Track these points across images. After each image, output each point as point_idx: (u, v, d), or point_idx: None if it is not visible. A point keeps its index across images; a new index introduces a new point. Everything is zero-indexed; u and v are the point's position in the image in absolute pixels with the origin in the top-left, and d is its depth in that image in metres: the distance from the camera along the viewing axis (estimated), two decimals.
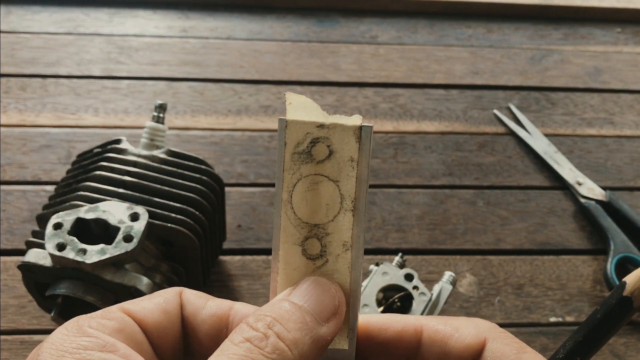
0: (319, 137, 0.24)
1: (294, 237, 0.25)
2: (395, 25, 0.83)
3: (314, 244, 0.25)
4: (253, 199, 0.61)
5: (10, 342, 0.49)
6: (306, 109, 0.24)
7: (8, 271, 0.53)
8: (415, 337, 0.27)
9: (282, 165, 0.24)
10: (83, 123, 0.66)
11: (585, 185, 0.64)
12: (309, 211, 0.24)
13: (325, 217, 0.24)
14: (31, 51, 0.74)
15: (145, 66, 0.73)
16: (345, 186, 0.24)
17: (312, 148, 0.24)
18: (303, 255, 0.25)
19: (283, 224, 0.24)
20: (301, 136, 0.24)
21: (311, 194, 0.24)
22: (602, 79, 0.78)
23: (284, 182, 0.24)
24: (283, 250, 0.25)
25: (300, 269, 0.25)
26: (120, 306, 0.25)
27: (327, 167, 0.24)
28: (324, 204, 0.24)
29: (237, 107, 0.70)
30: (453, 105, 0.73)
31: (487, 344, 0.26)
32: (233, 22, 0.81)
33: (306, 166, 0.24)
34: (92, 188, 0.46)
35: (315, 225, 0.24)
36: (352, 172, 0.24)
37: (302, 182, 0.24)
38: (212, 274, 0.55)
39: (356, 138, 0.24)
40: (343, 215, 0.24)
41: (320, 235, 0.25)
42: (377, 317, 0.27)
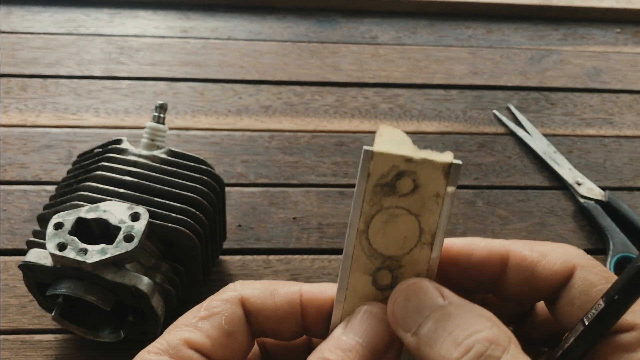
0: (406, 171, 0.23)
1: (365, 267, 0.24)
2: (395, 26, 0.83)
3: (385, 275, 0.24)
4: (253, 199, 0.61)
5: (10, 342, 0.49)
6: (396, 142, 0.24)
7: (9, 271, 0.53)
8: (501, 264, 0.26)
9: (363, 196, 0.23)
10: (84, 123, 0.67)
11: (585, 185, 0.65)
12: (385, 243, 0.24)
13: (400, 250, 0.24)
14: (32, 51, 0.74)
15: (145, 66, 0.74)
16: (426, 221, 0.24)
17: (397, 181, 0.23)
18: (372, 284, 0.24)
19: (356, 253, 0.24)
20: (387, 169, 0.23)
21: (390, 226, 0.24)
22: (601, 79, 0.78)
23: (362, 212, 0.23)
24: (352, 278, 0.24)
25: (367, 297, 0.24)
26: (184, 339, 0.24)
27: (410, 201, 0.23)
28: (401, 236, 0.24)
29: (237, 107, 0.70)
30: (453, 105, 0.73)
31: (575, 271, 0.26)
32: (233, 22, 0.81)
33: (388, 198, 0.23)
34: (92, 188, 0.46)
35: (390, 257, 0.24)
36: (435, 208, 0.24)
37: (381, 214, 0.24)
38: (212, 274, 0.55)
39: (444, 175, 0.24)
40: (420, 249, 0.24)
41: (393, 267, 0.24)
42: (460, 241, 0.26)
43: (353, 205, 0.24)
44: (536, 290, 0.27)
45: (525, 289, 0.26)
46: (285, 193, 0.62)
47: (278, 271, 0.56)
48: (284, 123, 0.69)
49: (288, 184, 0.63)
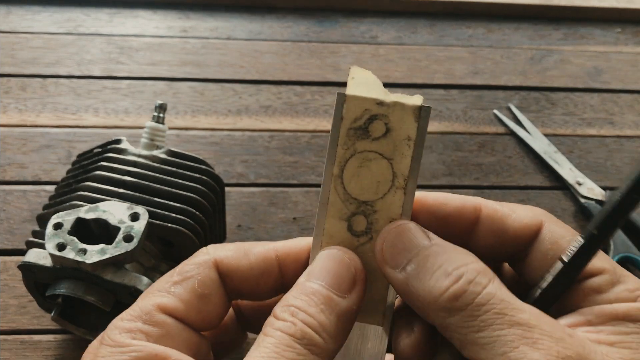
0: (378, 114, 0.24)
1: (341, 212, 0.24)
2: (395, 25, 0.83)
3: (360, 221, 0.25)
4: (253, 199, 0.61)
5: (10, 342, 0.49)
6: (368, 85, 0.24)
7: (8, 271, 0.53)
8: (474, 213, 0.27)
9: (337, 140, 0.24)
10: (83, 123, 0.66)
11: (585, 185, 0.65)
12: (359, 187, 0.24)
13: (375, 195, 0.24)
14: (31, 51, 0.74)
15: (145, 66, 0.74)
16: (398, 164, 0.24)
17: (369, 125, 0.24)
18: (348, 230, 0.25)
19: (331, 198, 0.24)
20: (359, 112, 0.24)
21: (363, 170, 0.24)
22: (602, 79, 0.78)
23: (336, 156, 0.24)
24: (328, 224, 0.25)
25: (343, 244, 0.25)
26: (158, 304, 0.25)
27: (383, 144, 0.24)
28: (375, 181, 0.24)
29: (237, 107, 0.70)
30: (453, 105, 0.73)
31: (543, 225, 0.27)
32: (233, 22, 0.81)
33: (361, 142, 0.24)
34: (92, 188, 0.46)
35: (364, 202, 0.24)
36: (407, 151, 0.24)
37: (355, 158, 0.24)
38: None
39: (415, 118, 0.24)
40: (393, 193, 0.24)
41: (367, 212, 0.25)
42: (435, 193, 0.27)
43: (328, 150, 0.24)
44: (506, 244, 0.27)
45: (496, 242, 0.27)
46: (285, 193, 0.62)
47: None
48: (284, 123, 0.69)
49: (288, 184, 0.63)
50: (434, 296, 0.23)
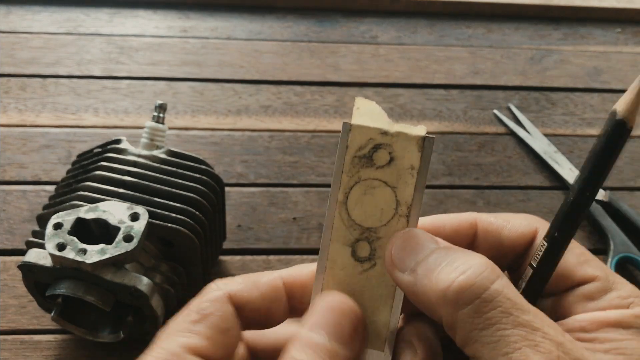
0: (382, 144, 0.25)
1: (345, 238, 0.25)
2: (395, 25, 0.83)
3: (364, 247, 0.25)
4: (253, 199, 0.61)
5: (10, 342, 0.49)
6: (372, 115, 0.25)
7: (8, 271, 0.53)
8: (471, 230, 0.28)
9: (342, 167, 0.25)
10: (83, 123, 0.66)
11: None
12: (363, 214, 0.25)
13: (378, 222, 0.25)
14: (31, 51, 0.74)
15: (145, 66, 0.74)
16: (402, 193, 0.25)
17: (373, 153, 0.25)
18: (352, 256, 0.25)
19: (336, 224, 0.25)
20: (364, 141, 0.25)
21: (367, 198, 0.25)
22: (602, 79, 0.78)
23: (341, 183, 0.25)
24: (332, 249, 0.25)
25: (347, 269, 0.25)
26: (184, 345, 0.25)
27: (387, 173, 0.25)
28: (379, 208, 0.25)
29: (237, 107, 0.70)
30: (453, 105, 0.73)
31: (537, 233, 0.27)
32: (233, 22, 0.81)
33: (365, 170, 0.25)
34: (92, 188, 0.46)
35: (368, 228, 0.25)
36: (410, 180, 0.25)
37: (359, 185, 0.25)
38: (212, 274, 0.55)
39: (419, 148, 0.25)
40: (397, 221, 0.25)
41: (371, 238, 0.25)
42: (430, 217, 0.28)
43: (333, 176, 0.25)
44: (504, 254, 0.28)
45: (495, 254, 0.27)
46: (285, 193, 0.62)
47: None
48: (284, 123, 0.69)
49: (288, 184, 0.63)
50: (441, 289, 0.23)
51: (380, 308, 0.25)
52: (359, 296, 0.25)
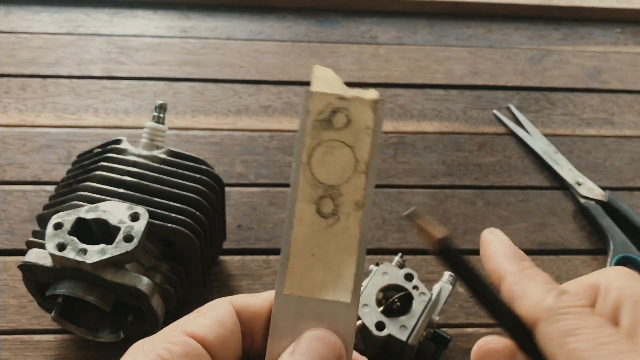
0: (340, 108, 0.27)
1: (310, 196, 0.27)
2: (395, 25, 0.83)
3: (327, 203, 0.27)
4: (253, 199, 0.61)
5: (10, 342, 0.49)
6: (330, 82, 0.27)
7: (8, 271, 0.53)
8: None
9: (304, 131, 0.27)
10: (83, 123, 0.66)
11: (585, 185, 0.65)
12: (325, 172, 0.27)
13: (339, 179, 0.27)
14: (31, 51, 0.74)
15: (145, 66, 0.74)
16: (359, 151, 0.27)
17: (332, 117, 0.27)
18: (317, 213, 0.27)
19: (301, 184, 0.27)
20: (323, 106, 0.27)
21: (329, 157, 0.27)
22: (601, 79, 0.78)
23: (304, 145, 0.27)
24: (299, 208, 0.27)
25: (313, 226, 0.27)
26: (181, 328, 0.26)
27: (345, 134, 0.27)
28: (340, 166, 0.27)
29: (237, 107, 0.70)
30: (453, 105, 0.73)
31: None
32: (233, 22, 0.81)
33: (326, 132, 0.27)
34: (92, 188, 0.46)
35: (331, 186, 0.27)
36: (367, 139, 0.27)
37: (321, 147, 0.27)
38: (212, 274, 0.55)
39: (372, 110, 0.27)
40: (357, 177, 0.27)
41: (334, 195, 0.27)
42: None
43: (297, 140, 0.27)
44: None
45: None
46: (285, 193, 0.62)
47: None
48: (284, 123, 0.69)
49: (288, 184, 0.63)
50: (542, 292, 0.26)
51: (346, 260, 0.27)
52: (324, 249, 0.27)
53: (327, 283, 0.27)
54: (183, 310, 0.50)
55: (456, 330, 0.53)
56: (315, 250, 0.27)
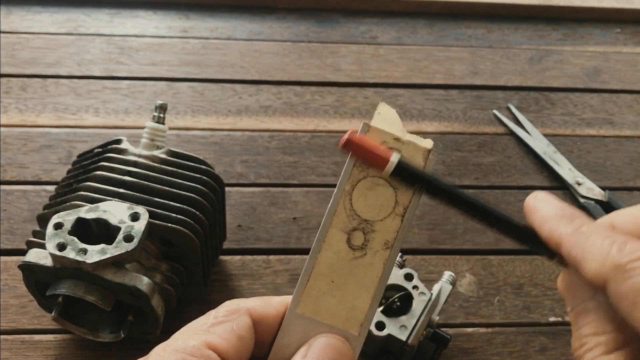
0: (393, 148, 0.28)
1: (343, 225, 0.28)
2: (395, 26, 0.83)
3: (359, 236, 0.28)
4: (253, 199, 0.61)
5: (10, 342, 0.49)
6: (390, 121, 0.28)
7: (9, 271, 0.53)
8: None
9: (354, 161, 0.27)
10: (83, 123, 0.67)
11: (585, 185, 0.65)
12: (364, 206, 0.28)
13: (376, 216, 0.28)
14: (32, 51, 0.74)
15: (145, 66, 0.74)
16: (401, 195, 0.28)
17: None
18: (346, 242, 0.28)
19: (338, 211, 0.28)
20: (378, 142, 0.27)
21: (371, 193, 0.28)
22: (601, 79, 0.78)
23: (351, 175, 0.27)
24: (330, 233, 0.28)
25: (339, 254, 0.28)
26: (202, 339, 0.26)
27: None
28: (379, 204, 0.28)
29: (237, 107, 0.70)
30: (453, 105, 0.73)
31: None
32: (233, 22, 0.81)
33: (374, 169, 0.27)
34: (92, 188, 0.46)
35: (366, 220, 0.28)
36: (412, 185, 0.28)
37: (366, 181, 0.28)
38: (212, 274, 0.55)
39: (424, 158, 0.28)
40: (392, 218, 0.28)
41: (367, 230, 0.28)
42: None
43: (344, 167, 0.27)
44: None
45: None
46: (285, 193, 0.62)
47: (278, 271, 0.56)
48: (284, 123, 0.69)
49: (288, 184, 0.63)
50: (603, 250, 0.24)
51: (362, 295, 0.28)
52: (345, 279, 0.27)
53: (339, 312, 0.27)
54: (183, 310, 0.50)
55: (456, 330, 0.53)
56: (336, 278, 0.27)
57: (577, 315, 0.26)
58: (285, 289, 0.54)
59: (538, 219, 0.28)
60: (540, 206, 0.29)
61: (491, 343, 0.52)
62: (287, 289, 0.54)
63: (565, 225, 0.27)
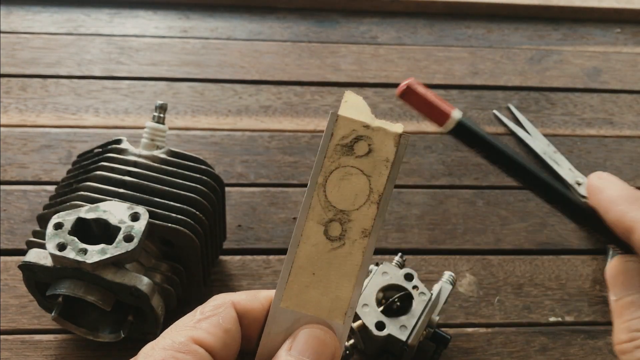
0: (363, 136, 0.27)
1: (319, 217, 0.27)
2: (395, 26, 0.83)
3: (335, 227, 0.28)
4: (253, 199, 0.61)
5: (10, 342, 0.49)
6: (358, 109, 0.28)
7: (9, 271, 0.53)
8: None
9: (325, 153, 0.27)
10: (83, 123, 0.67)
11: (585, 185, 0.65)
12: (339, 197, 0.27)
13: (351, 205, 0.27)
14: (32, 51, 0.74)
15: (145, 66, 0.74)
16: (375, 182, 0.27)
17: (354, 143, 0.27)
18: (324, 234, 0.28)
19: (313, 204, 0.27)
20: (347, 131, 0.27)
21: (344, 183, 0.27)
22: (601, 79, 0.78)
23: (322, 167, 0.27)
24: (307, 226, 0.27)
25: (318, 246, 0.28)
26: (189, 334, 0.26)
27: (364, 162, 0.27)
28: (353, 193, 0.27)
29: (237, 107, 0.70)
30: (453, 105, 0.73)
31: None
32: (233, 22, 0.81)
33: (346, 158, 0.27)
34: (92, 188, 0.46)
35: (341, 210, 0.28)
36: (384, 171, 0.27)
37: (338, 171, 0.27)
38: (212, 274, 0.55)
39: (395, 143, 0.27)
40: (368, 206, 0.27)
41: (343, 220, 0.28)
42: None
43: (316, 160, 0.27)
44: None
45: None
46: (285, 193, 0.62)
47: (278, 271, 0.56)
48: (284, 123, 0.69)
49: (288, 184, 0.63)
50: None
51: (344, 284, 0.28)
52: (325, 271, 0.28)
53: (322, 303, 0.28)
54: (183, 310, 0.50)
55: (456, 330, 0.53)
56: (317, 270, 0.27)
57: (625, 307, 0.25)
58: None
59: (605, 201, 0.26)
60: (607, 185, 0.27)
61: (491, 343, 0.52)
62: None
63: (637, 209, 0.25)
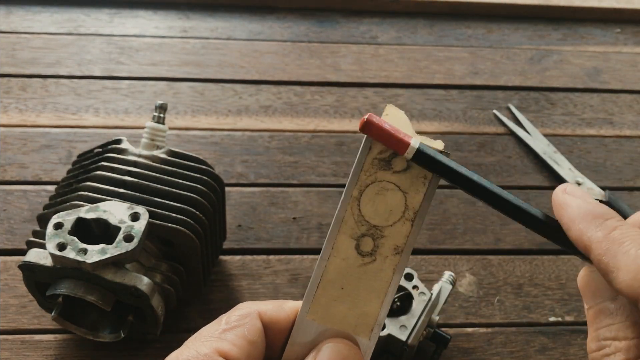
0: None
1: (352, 231, 0.27)
2: (395, 26, 0.83)
3: (367, 242, 0.27)
4: (253, 199, 0.61)
5: (10, 342, 0.49)
6: (399, 123, 0.27)
7: (9, 271, 0.53)
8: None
9: (362, 166, 0.26)
10: (84, 123, 0.67)
11: (585, 185, 0.65)
12: (373, 212, 0.27)
13: (385, 221, 0.27)
14: (32, 51, 0.74)
15: (145, 66, 0.74)
16: (411, 199, 0.27)
17: (392, 158, 0.26)
18: (355, 249, 0.27)
19: (346, 217, 0.27)
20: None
21: (380, 198, 0.27)
22: (601, 79, 0.78)
23: (358, 180, 0.27)
24: (339, 240, 0.27)
25: (348, 260, 0.27)
26: (214, 346, 0.25)
27: (402, 178, 0.27)
28: (388, 209, 0.27)
29: (237, 107, 0.70)
30: (453, 105, 0.73)
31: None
32: (233, 22, 0.81)
33: (383, 172, 0.26)
34: (92, 188, 0.46)
35: (374, 226, 0.27)
36: (421, 188, 0.27)
37: (374, 185, 0.27)
38: (212, 274, 0.55)
39: None
40: (402, 223, 0.27)
41: (376, 235, 0.27)
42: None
43: (352, 173, 0.26)
44: None
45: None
46: (285, 193, 0.62)
47: (278, 271, 0.56)
48: (284, 123, 0.69)
49: (288, 184, 0.63)
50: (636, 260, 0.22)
51: (372, 300, 0.27)
52: (354, 286, 0.27)
53: (349, 318, 0.27)
54: (183, 310, 0.50)
55: (456, 330, 0.53)
56: (346, 284, 0.27)
57: (595, 315, 0.25)
58: (286, 289, 0.54)
59: (566, 218, 0.26)
60: (569, 202, 0.26)
61: (491, 343, 0.52)
62: (287, 289, 0.54)
63: (595, 228, 0.24)
